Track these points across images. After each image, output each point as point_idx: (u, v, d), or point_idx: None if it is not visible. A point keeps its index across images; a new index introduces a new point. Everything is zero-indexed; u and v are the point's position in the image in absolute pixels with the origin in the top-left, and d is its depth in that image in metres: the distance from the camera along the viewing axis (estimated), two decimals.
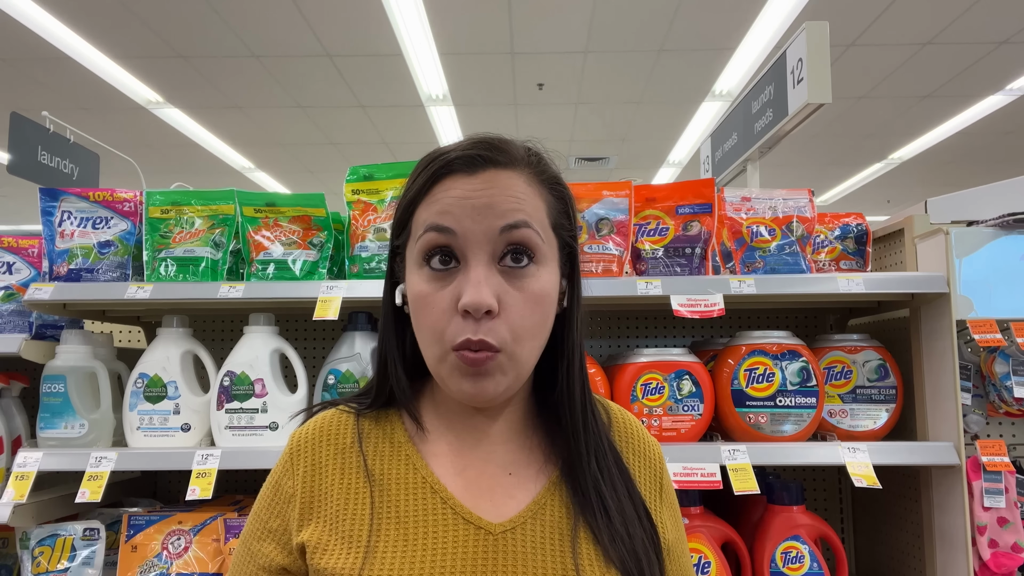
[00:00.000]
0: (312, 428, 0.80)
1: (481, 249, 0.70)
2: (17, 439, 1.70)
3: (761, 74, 2.26)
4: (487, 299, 0.68)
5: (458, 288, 0.70)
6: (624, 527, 0.74)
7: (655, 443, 0.86)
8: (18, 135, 2.51)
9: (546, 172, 0.78)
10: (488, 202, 0.71)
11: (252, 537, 0.78)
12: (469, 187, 0.71)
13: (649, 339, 1.99)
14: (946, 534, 1.48)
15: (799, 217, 1.64)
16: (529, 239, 0.72)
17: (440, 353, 0.71)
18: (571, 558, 0.71)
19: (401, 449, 0.78)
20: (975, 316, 1.48)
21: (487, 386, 0.71)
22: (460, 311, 0.69)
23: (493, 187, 0.72)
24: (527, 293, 0.71)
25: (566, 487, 0.76)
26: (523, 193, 0.73)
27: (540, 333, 0.74)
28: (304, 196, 1.65)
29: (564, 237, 0.78)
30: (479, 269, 0.70)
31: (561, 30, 5.05)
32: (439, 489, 0.75)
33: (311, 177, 8.69)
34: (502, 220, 0.71)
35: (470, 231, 0.70)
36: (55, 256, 1.65)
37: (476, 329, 0.69)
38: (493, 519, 0.73)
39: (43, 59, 5.32)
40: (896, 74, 5.71)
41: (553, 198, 0.77)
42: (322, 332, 1.99)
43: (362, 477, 0.76)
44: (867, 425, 1.58)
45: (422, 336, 0.74)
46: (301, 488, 0.76)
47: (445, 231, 0.71)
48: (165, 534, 1.55)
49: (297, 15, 4.77)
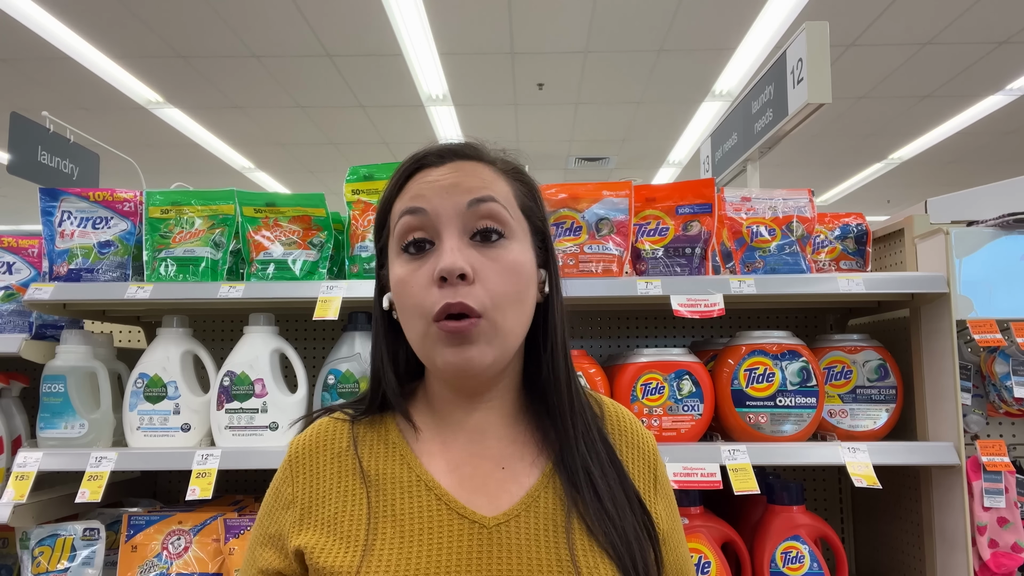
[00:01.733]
0: (309, 435, 0.83)
1: (452, 224, 0.74)
2: (17, 439, 1.70)
3: (761, 74, 2.26)
4: (459, 262, 0.71)
5: (434, 263, 0.73)
6: (616, 512, 0.76)
7: (649, 435, 0.88)
8: (18, 135, 2.51)
9: (510, 164, 0.83)
10: (455, 181, 0.75)
11: (255, 542, 0.81)
12: (438, 173, 0.77)
13: (649, 339, 1.99)
14: (946, 534, 1.48)
15: (799, 217, 1.64)
16: (497, 212, 0.75)
17: (423, 328, 0.74)
18: (566, 548, 0.73)
19: (395, 450, 0.80)
20: (975, 316, 1.48)
21: (472, 354, 0.72)
22: (436, 279, 0.72)
23: (460, 171, 0.77)
24: (501, 263, 0.75)
25: (559, 479, 0.78)
26: (489, 177, 0.78)
27: (519, 303, 0.76)
28: (304, 196, 1.65)
29: (535, 221, 0.82)
30: (452, 240, 0.74)
31: (561, 30, 5.05)
32: (434, 486, 0.77)
33: (311, 177, 8.69)
34: (469, 195, 0.75)
35: (440, 207, 0.74)
36: (55, 256, 1.64)
37: (454, 294, 0.71)
38: (487, 513, 0.75)
39: (43, 59, 5.32)
40: (896, 74, 5.71)
41: (519, 184, 0.82)
42: (322, 332, 1.99)
43: (358, 479, 0.78)
44: (867, 425, 1.58)
45: (406, 320, 0.76)
46: (301, 494, 0.79)
47: (417, 212, 0.75)
48: (165, 534, 1.55)
49: (297, 15, 4.77)
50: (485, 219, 0.75)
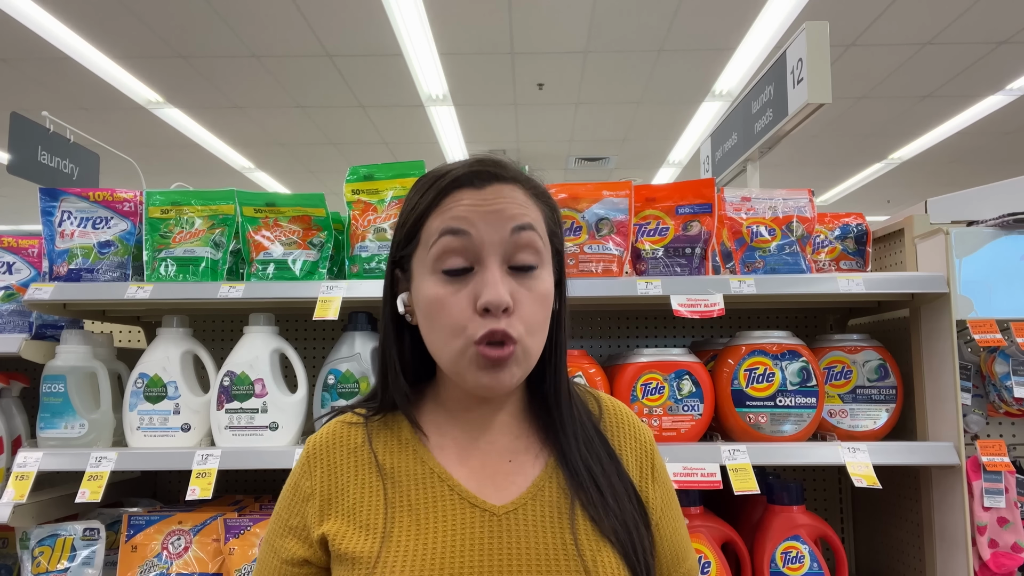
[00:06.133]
0: (325, 434, 0.88)
1: (495, 251, 0.78)
2: (17, 439, 1.70)
3: (761, 74, 2.26)
4: (506, 296, 0.75)
5: (475, 289, 0.77)
6: (615, 502, 0.82)
7: (645, 427, 0.94)
8: (18, 135, 2.51)
9: (538, 187, 0.86)
10: (499, 208, 0.79)
11: (275, 535, 0.85)
12: (479, 197, 0.79)
13: (649, 339, 1.99)
14: (946, 534, 1.48)
15: (799, 217, 1.64)
16: (534, 242, 0.80)
17: (461, 347, 0.77)
18: (570, 533, 0.79)
19: (408, 445, 0.85)
20: (975, 316, 1.48)
21: (503, 378, 0.77)
22: (479, 309, 0.76)
23: (501, 196, 0.80)
24: (535, 293, 0.79)
25: (562, 471, 0.84)
26: (525, 202, 0.81)
27: (544, 328, 0.82)
28: (304, 196, 1.65)
29: (556, 244, 0.87)
30: (495, 270, 0.77)
31: (561, 30, 5.05)
32: (446, 478, 0.82)
33: (311, 177, 8.69)
34: (513, 222, 0.78)
35: (484, 233, 0.78)
36: (55, 256, 1.64)
37: (497, 322, 0.75)
38: (497, 502, 0.80)
39: (43, 59, 5.32)
40: (896, 74, 5.71)
41: (546, 208, 0.86)
42: (322, 332, 1.99)
43: (375, 473, 0.83)
44: (867, 425, 1.58)
45: (438, 336, 0.80)
46: (320, 487, 0.83)
47: (461, 234, 0.78)
48: (165, 534, 1.55)
49: (297, 15, 4.77)
50: (524, 248, 0.79)
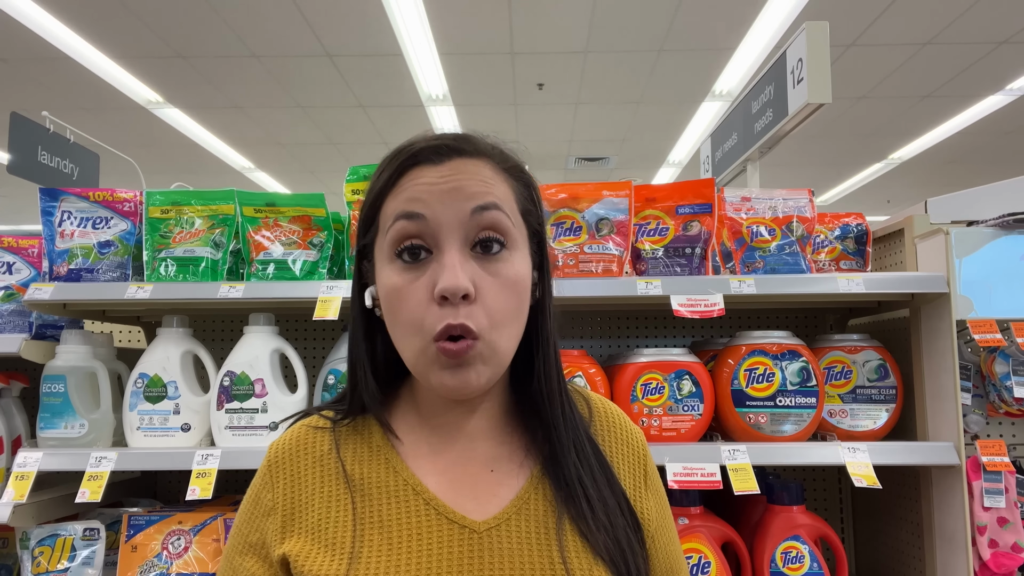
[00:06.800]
0: (289, 439, 0.80)
1: (453, 234, 0.70)
2: (17, 439, 1.70)
3: (761, 74, 2.26)
4: (463, 282, 0.67)
5: (433, 276, 0.69)
6: (607, 517, 0.74)
7: (638, 431, 0.86)
8: (18, 135, 2.50)
9: (509, 160, 0.77)
10: (456, 186, 0.70)
11: (234, 551, 0.77)
12: (437, 174, 0.71)
13: (649, 339, 1.99)
14: (946, 534, 1.48)
15: (799, 217, 1.64)
16: (500, 221, 0.71)
17: (420, 345, 0.70)
18: (558, 552, 0.71)
19: (380, 453, 0.77)
20: (975, 316, 1.48)
21: (469, 377, 0.70)
22: (436, 297, 0.68)
23: (460, 173, 0.71)
24: (502, 278, 0.71)
25: (548, 481, 0.76)
26: (490, 178, 0.73)
27: (516, 320, 0.73)
28: (304, 196, 1.65)
29: (532, 224, 0.78)
30: (453, 254, 0.69)
31: (561, 30, 5.05)
32: (421, 491, 0.74)
33: (311, 177, 8.69)
34: (472, 202, 0.70)
35: (441, 215, 0.70)
36: (55, 256, 1.64)
37: (456, 314, 0.68)
38: (477, 517, 0.73)
39: (43, 59, 5.31)
40: (896, 74, 5.71)
41: (519, 184, 0.77)
42: (322, 332, 1.99)
43: (342, 484, 0.75)
44: (867, 425, 1.58)
45: (399, 331, 0.72)
46: (282, 500, 0.76)
47: (415, 217, 0.70)
48: (165, 534, 1.55)
49: (297, 15, 4.77)
50: (487, 229, 0.70)
